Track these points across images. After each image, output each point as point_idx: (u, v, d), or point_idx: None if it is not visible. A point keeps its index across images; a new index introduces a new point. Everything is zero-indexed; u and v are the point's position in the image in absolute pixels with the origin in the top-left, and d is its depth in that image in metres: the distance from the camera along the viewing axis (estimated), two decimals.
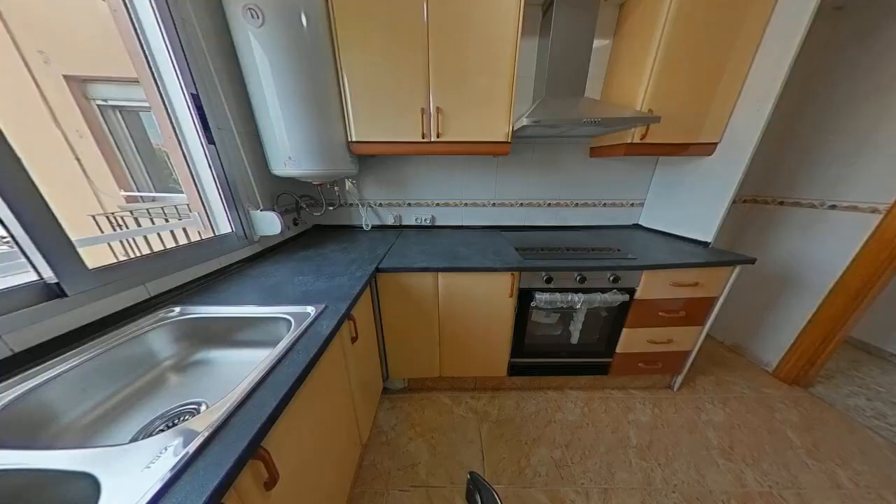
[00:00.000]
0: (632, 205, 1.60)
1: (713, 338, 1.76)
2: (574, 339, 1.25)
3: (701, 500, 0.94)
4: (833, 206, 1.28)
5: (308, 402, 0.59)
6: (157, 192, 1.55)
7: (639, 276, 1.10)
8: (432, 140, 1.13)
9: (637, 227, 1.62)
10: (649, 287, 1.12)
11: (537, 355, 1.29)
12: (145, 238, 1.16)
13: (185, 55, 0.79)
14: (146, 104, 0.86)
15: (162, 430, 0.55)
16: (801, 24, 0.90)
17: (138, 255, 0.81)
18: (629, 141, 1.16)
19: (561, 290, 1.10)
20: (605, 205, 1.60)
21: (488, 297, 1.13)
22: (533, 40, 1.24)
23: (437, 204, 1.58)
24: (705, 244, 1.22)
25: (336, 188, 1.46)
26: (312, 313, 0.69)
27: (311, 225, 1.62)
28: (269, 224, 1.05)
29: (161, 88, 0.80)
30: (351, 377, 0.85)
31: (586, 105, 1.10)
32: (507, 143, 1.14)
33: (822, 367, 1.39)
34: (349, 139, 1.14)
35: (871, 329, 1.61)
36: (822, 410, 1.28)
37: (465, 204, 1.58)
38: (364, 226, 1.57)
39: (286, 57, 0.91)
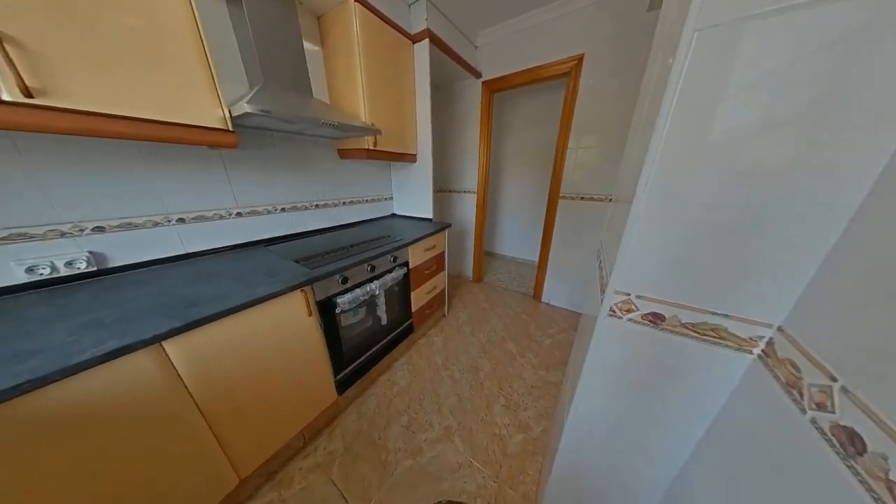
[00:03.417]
0: (385, 199, 1.94)
1: (450, 274, 2.79)
2: (384, 321, 1.36)
3: (474, 366, 1.54)
4: (465, 192, 2.45)
5: None
6: None
7: (407, 252, 1.40)
8: (11, 101, 0.52)
9: (394, 216, 2.01)
10: (415, 257, 1.47)
11: (359, 355, 1.25)
12: None
13: None
14: None
15: None
16: (426, 90, 1.52)
17: None
18: (367, 147, 1.34)
19: (359, 285, 1.11)
20: (367, 201, 1.79)
21: (279, 330, 0.85)
22: (220, 3, 0.94)
23: (101, 228, 0.83)
24: (430, 220, 1.82)
25: None
26: None
27: None
28: None
29: None
30: None
31: (320, 107, 1.08)
32: (228, 131, 0.82)
33: (482, 268, 2.75)
34: None
35: (489, 243, 3.45)
36: (489, 288, 2.58)
37: (182, 220, 0.99)
38: None
39: None
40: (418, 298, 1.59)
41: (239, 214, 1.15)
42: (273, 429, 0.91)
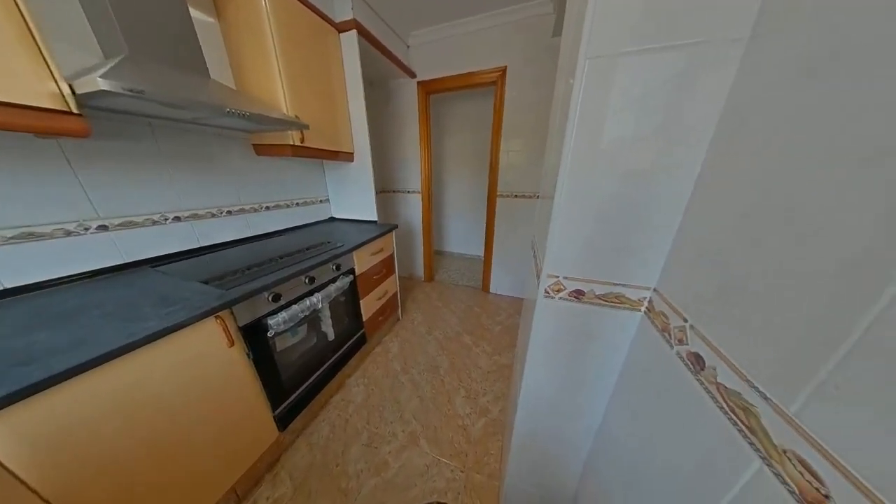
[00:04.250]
0: (321, 201, 1.75)
1: (401, 276, 2.71)
2: (331, 336, 1.23)
3: (433, 364, 1.55)
4: (410, 192, 2.42)
5: None
6: None
7: (352, 257, 1.30)
8: None
9: (333, 219, 1.83)
10: (361, 262, 1.38)
11: (304, 379, 1.10)
12: None
13: None
14: None
15: None
16: (359, 85, 1.44)
17: None
18: (292, 143, 1.18)
19: (296, 301, 0.97)
20: (297, 204, 1.57)
21: (187, 370, 0.67)
22: None
23: None
24: (375, 222, 1.73)
25: None
26: None
27: None
28: None
29: None
30: None
31: (223, 92, 0.89)
32: (70, 114, 0.60)
33: (433, 267, 2.79)
34: None
35: (437, 241, 3.50)
36: (441, 285, 2.64)
37: None
38: None
39: None
40: (369, 306, 1.50)
41: (103, 227, 0.85)
42: (189, 498, 0.71)
